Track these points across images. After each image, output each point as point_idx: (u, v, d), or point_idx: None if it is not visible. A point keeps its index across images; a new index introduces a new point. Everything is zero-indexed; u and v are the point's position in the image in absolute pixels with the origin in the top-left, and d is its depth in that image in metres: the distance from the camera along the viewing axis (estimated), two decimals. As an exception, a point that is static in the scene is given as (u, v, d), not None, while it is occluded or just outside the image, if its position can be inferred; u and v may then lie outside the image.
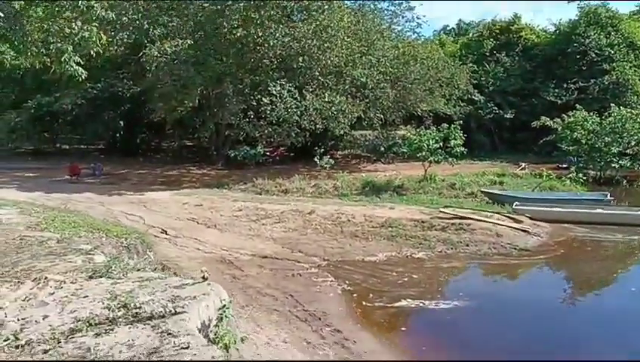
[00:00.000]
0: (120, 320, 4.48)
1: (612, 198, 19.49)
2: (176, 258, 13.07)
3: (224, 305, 5.05)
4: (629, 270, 14.45)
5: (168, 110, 25.07)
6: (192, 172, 28.48)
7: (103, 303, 4.91)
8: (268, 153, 27.99)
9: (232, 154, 27.28)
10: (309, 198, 20.75)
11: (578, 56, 35.16)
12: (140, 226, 15.50)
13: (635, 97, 32.21)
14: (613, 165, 24.59)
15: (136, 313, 4.61)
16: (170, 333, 4.16)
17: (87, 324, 4.46)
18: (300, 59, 24.19)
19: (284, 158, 30.32)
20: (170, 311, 4.57)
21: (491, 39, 39.05)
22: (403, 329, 10.01)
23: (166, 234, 15.48)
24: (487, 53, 38.13)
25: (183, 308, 4.61)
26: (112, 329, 4.29)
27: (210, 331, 4.75)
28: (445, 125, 23.18)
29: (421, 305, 10.83)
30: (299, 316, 10.05)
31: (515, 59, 37.42)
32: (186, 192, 21.92)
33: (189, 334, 4.11)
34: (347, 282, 11.93)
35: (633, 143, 24.87)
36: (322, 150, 27.13)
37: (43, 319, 4.63)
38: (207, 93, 25.99)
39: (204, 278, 5.46)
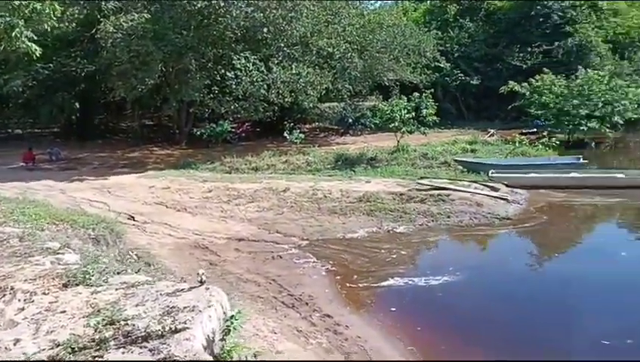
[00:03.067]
0: (109, 342, 3.82)
1: (585, 161, 19.55)
2: (147, 245, 12.35)
3: (232, 316, 4.43)
4: (615, 234, 14.44)
5: (127, 89, 23.79)
6: (155, 153, 27.41)
7: (86, 320, 4.24)
8: (232, 129, 27.08)
9: (197, 133, 26.28)
10: (282, 175, 20.16)
11: (541, 19, 35.11)
12: (105, 213, 14.63)
13: (599, 59, 32.41)
14: (581, 128, 24.71)
15: (128, 332, 3.93)
16: (175, 360, 3.52)
17: (70, 350, 3.77)
18: (265, 30, 23.20)
19: (249, 135, 29.48)
20: (170, 328, 3.92)
21: (454, 4, 38.60)
22: (393, 309, 9.64)
23: (134, 220, 14.70)
24: (451, 19, 37.75)
25: (184, 323, 3.96)
26: (101, 356, 3.63)
27: (215, 345, 4.13)
28: (417, 94, 22.83)
29: (410, 282, 10.47)
30: (285, 302, 9.57)
31: (478, 25, 37.15)
32: (152, 174, 20.98)
33: (200, 360, 3.47)
34: (331, 262, 11.48)
35: (600, 105, 24.98)
36: (290, 124, 26.43)
37: (14, 344, 3.93)
38: (168, 70, 24.80)
39: (202, 282, 4.80)
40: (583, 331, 8.66)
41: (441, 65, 32.69)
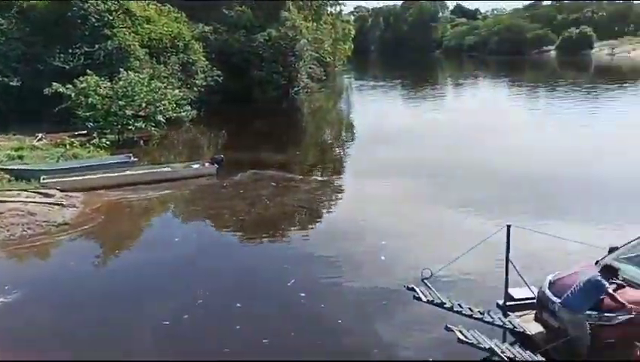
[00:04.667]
0: None
1: (135, 159, 20.82)
2: None
3: None
4: (168, 223, 16.01)
5: None
6: None
7: None
8: None
9: None
10: None
11: (80, 21, 34.85)
12: None
13: (138, 62, 34.30)
14: (129, 127, 26.01)
15: None
16: None
17: None
18: None
19: None
20: None
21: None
22: None
23: None
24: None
25: None
26: None
27: None
28: None
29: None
30: None
31: (12, 22, 34.22)
32: None
33: None
34: None
35: (144, 105, 26.78)
36: None
37: None
38: None
39: None
40: (146, 317, 9.48)
41: (-29, 65, 28.95)
